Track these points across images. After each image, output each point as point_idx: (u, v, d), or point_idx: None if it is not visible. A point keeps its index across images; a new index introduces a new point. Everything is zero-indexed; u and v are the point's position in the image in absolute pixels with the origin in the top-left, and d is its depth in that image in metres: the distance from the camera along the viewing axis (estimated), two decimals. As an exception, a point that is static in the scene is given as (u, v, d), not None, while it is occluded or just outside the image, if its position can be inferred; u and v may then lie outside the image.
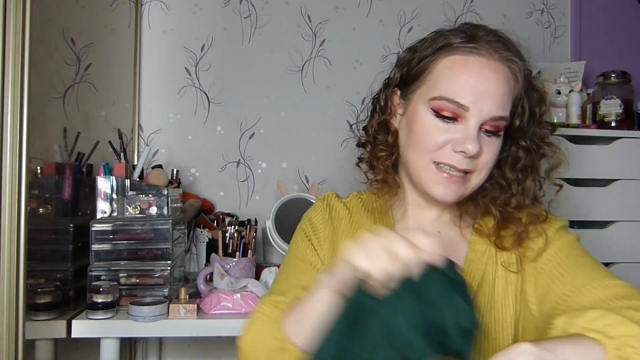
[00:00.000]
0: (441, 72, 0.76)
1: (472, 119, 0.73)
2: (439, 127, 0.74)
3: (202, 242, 1.63)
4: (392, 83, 0.86)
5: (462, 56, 0.75)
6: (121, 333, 1.21)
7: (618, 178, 1.67)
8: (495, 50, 0.75)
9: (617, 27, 2.14)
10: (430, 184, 0.76)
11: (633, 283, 1.90)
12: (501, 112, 0.74)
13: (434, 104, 0.75)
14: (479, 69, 0.73)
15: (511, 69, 0.76)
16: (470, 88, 0.73)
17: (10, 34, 0.84)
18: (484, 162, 0.75)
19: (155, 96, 1.90)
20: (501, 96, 0.74)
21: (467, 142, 0.72)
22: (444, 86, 0.75)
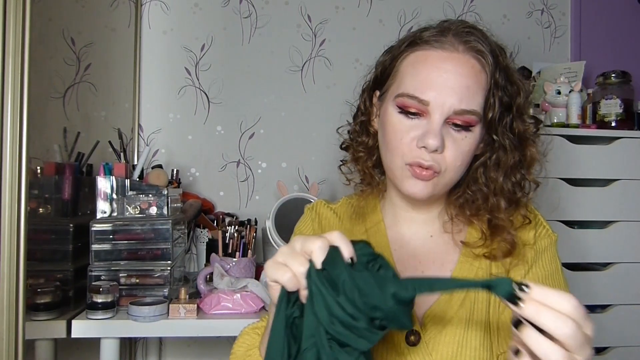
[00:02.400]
0: (405, 69, 0.76)
1: (435, 113, 0.71)
2: (404, 124, 0.74)
3: (202, 242, 1.63)
4: (368, 86, 0.86)
5: (424, 51, 0.74)
6: (121, 333, 1.21)
7: (618, 178, 1.67)
8: (460, 42, 0.73)
9: (617, 27, 2.14)
10: (403, 181, 0.75)
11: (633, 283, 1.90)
12: (464, 105, 0.71)
13: (398, 101, 0.74)
14: (439, 62, 0.72)
15: (478, 60, 0.73)
16: (430, 82, 0.72)
17: (10, 34, 0.84)
18: (451, 159, 0.73)
19: (155, 96, 1.90)
20: (465, 89, 0.71)
21: (427, 137, 0.71)
22: (406, 83, 0.74)
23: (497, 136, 0.76)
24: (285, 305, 0.53)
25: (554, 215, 1.60)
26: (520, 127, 0.77)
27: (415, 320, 0.74)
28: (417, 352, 0.72)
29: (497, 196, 0.77)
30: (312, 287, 0.50)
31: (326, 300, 0.49)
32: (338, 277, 0.50)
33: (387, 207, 0.86)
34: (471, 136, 0.73)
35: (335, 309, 0.49)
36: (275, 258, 0.55)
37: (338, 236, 0.53)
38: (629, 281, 1.67)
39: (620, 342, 1.67)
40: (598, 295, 1.66)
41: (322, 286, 0.50)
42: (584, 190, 1.66)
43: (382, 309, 0.49)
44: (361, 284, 0.49)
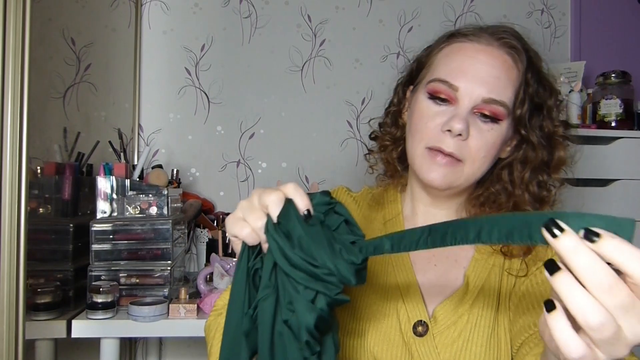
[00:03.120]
0: (440, 59, 0.77)
1: (464, 99, 0.72)
2: (432, 110, 0.75)
3: (202, 242, 1.63)
4: (403, 80, 0.87)
5: (460, 43, 0.76)
6: (121, 333, 1.21)
7: (618, 178, 1.67)
8: (496, 38, 0.75)
9: (617, 27, 2.14)
10: (423, 168, 0.75)
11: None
12: (494, 95, 0.72)
13: (429, 87, 0.75)
14: (473, 53, 0.74)
15: (511, 56, 0.75)
16: (462, 70, 0.73)
17: (10, 34, 0.84)
18: (475, 148, 0.73)
19: (155, 96, 1.91)
20: (496, 79, 0.73)
21: (452, 120, 0.71)
22: (439, 70, 0.76)
23: (526, 132, 0.76)
24: (246, 259, 0.53)
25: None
26: (550, 127, 0.77)
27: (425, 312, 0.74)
28: (422, 343, 0.73)
29: (522, 193, 0.77)
30: (270, 240, 0.50)
31: (284, 251, 0.49)
32: (293, 231, 0.50)
33: (406, 200, 0.86)
34: (497, 129, 0.74)
35: (294, 259, 0.49)
36: (235, 213, 0.55)
37: (292, 188, 0.53)
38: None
39: (620, 342, 1.67)
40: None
41: (279, 239, 0.50)
42: (584, 190, 1.66)
43: (328, 267, 0.49)
44: (312, 241, 0.49)
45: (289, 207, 0.52)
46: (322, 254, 0.49)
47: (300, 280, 0.49)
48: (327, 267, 0.49)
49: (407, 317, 0.74)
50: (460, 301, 0.75)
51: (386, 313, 0.75)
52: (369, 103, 1.97)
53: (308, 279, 0.49)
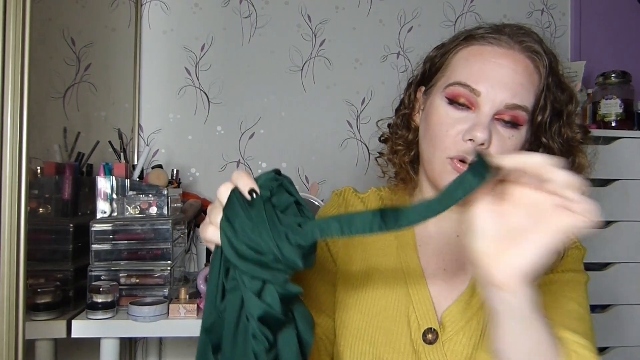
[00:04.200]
0: (458, 62, 0.74)
1: (485, 106, 0.69)
2: (451, 117, 0.72)
3: (202, 242, 1.63)
4: (416, 80, 0.84)
5: (480, 46, 0.73)
6: (121, 333, 1.20)
7: (618, 178, 1.67)
8: (516, 41, 0.72)
9: (617, 27, 2.14)
10: (442, 176, 0.72)
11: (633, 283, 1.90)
12: (517, 101, 0.69)
13: (448, 91, 0.72)
14: (495, 57, 0.71)
15: (533, 61, 0.72)
16: (484, 74, 0.70)
17: (10, 34, 0.84)
18: None
19: (155, 96, 1.90)
20: (518, 85, 0.70)
21: (475, 129, 0.68)
22: (459, 73, 0.73)
23: (547, 139, 0.74)
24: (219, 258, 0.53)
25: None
26: (569, 133, 0.76)
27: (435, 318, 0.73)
28: (433, 351, 0.71)
29: None
30: (220, 232, 0.50)
31: (231, 242, 0.49)
32: (235, 219, 0.50)
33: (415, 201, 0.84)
34: (518, 135, 0.72)
35: (240, 248, 0.49)
36: (205, 219, 0.55)
37: (235, 174, 0.53)
38: (629, 281, 1.67)
39: (620, 342, 1.67)
40: (598, 295, 1.66)
41: (227, 229, 0.50)
42: (584, 190, 1.66)
43: (272, 252, 0.48)
44: (255, 225, 0.49)
45: (231, 194, 0.51)
46: (265, 237, 0.48)
47: (246, 270, 0.49)
48: (272, 252, 0.48)
49: (418, 325, 0.73)
50: (467, 304, 0.74)
51: (397, 320, 0.74)
52: (369, 103, 1.97)
53: (254, 269, 0.49)
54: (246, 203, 0.50)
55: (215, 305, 0.52)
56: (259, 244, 0.48)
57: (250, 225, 0.49)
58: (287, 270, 0.49)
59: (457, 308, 0.74)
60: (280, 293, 0.49)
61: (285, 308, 0.50)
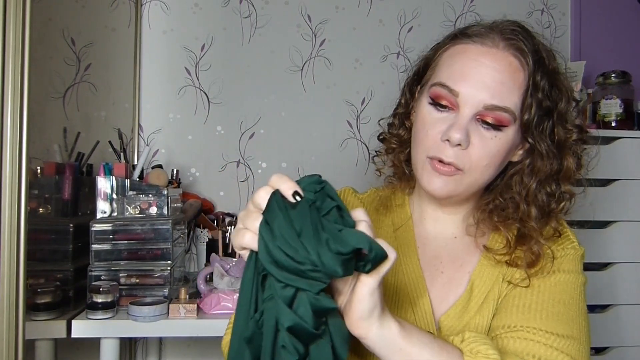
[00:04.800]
0: (444, 61, 0.74)
1: (464, 106, 0.69)
2: (432, 117, 0.72)
3: (202, 242, 1.63)
4: (411, 79, 0.84)
5: (464, 44, 0.73)
6: (121, 333, 1.21)
7: (618, 178, 1.67)
8: (502, 39, 0.71)
9: (617, 27, 2.14)
10: (423, 177, 0.73)
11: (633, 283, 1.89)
12: (496, 101, 0.68)
13: (431, 91, 0.72)
14: (476, 56, 0.70)
15: (517, 58, 0.71)
16: (463, 74, 0.70)
17: (10, 34, 0.84)
18: (476, 157, 0.69)
19: (155, 96, 1.90)
20: (499, 85, 0.68)
21: (451, 129, 0.68)
22: (441, 73, 0.73)
23: (533, 140, 0.72)
24: (254, 266, 0.51)
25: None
26: (561, 134, 0.74)
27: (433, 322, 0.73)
28: None
29: (529, 205, 0.73)
30: (259, 237, 0.49)
31: (267, 246, 0.47)
32: (274, 223, 0.48)
33: (415, 203, 0.84)
34: (502, 137, 0.70)
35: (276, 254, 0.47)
36: (237, 226, 0.54)
37: (276, 177, 0.52)
38: (629, 281, 1.67)
39: (620, 342, 1.67)
40: (598, 295, 1.66)
41: (264, 233, 0.48)
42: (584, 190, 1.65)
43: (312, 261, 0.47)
44: (294, 230, 0.47)
45: (271, 198, 0.50)
46: (306, 243, 0.47)
47: (280, 277, 0.47)
48: (311, 260, 0.46)
49: None
50: (464, 308, 0.73)
51: None
52: (369, 103, 1.97)
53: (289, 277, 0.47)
54: (288, 207, 0.49)
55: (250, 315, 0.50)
56: (297, 251, 0.47)
57: (290, 230, 0.47)
58: (325, 279, 0.48)
59: (454, 312, 0.73)
60: (313, 304, 0.48)
61: (318, 321, 0.48)
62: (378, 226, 0.83)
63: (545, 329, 0.66)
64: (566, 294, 0.71)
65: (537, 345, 0.65)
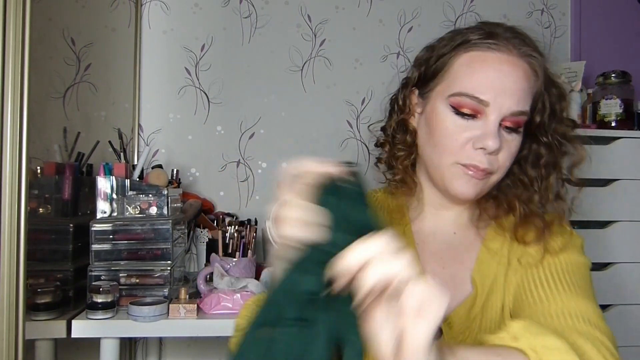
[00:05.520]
0: (460, 68, 0.75)
1: (492, 114, 0.72)
2: (458, 125, 0.73)
3: (202, 242, 1.63)
4: (410, 82, 0.84)
5: (480, 52, 0.74)
6: (121, 333, 1.21)
7: (618, 178, 1.67)
8: (514, 46, 0.74)
9: (617, 27, 2.14)
10: (453, 181, 0.75)
11: (633, 283, 1.89)
12: (521, 107, 0.73)
13: (453, 100, 0.74)
14: (498, 64, 0.73)
15: (530, 65, 0.74)
16: (489, 83, 0.72)
17: (10, 34, 0.84)
18: (503, 160, 0.74)
19: (155, 96, 1.90)
20: (521, 91, 0.73)
21: (487, 138, 0.71)
22: (463, 82, 0.74)
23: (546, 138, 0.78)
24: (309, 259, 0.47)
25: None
26: (562, 129, 0.79)
27: None
28: None
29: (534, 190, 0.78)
30: None
31: None
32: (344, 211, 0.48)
33: (413, 204, 0.85)
34: (518, 138, 0.75)
35: None
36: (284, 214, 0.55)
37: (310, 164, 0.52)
38: (629, 281, 1.67)
39: (620, 342, 1.66)
40: (598, 295, 1.65)
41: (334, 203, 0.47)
42: (584, 190, 1.65)
43: None
44: None
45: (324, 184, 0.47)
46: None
47: None
48: None
49: None
50: (472, 305, 0.75)
51: None
52: (369, 103, 1.97)
53: None
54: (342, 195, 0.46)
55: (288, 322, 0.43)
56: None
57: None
58: None
59: (464, 309, 0.74)
60: None
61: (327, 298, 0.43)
62: None
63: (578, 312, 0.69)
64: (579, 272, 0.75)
65: None
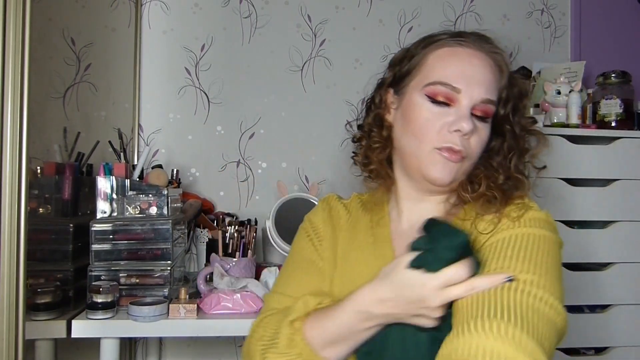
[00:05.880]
0: (433, 62, 0.81)
1: (464, 100, 0.78)
2: (434, 112, 0.79)
3: (202, 242, 1.63)
4: (385, 82, 0.91)
5: (452, 48, 0.81)
6: (121, 333, 1.20)
7: (618, 178, 1.67)
8: (480, 44, 0.81)
9: (617, 27, 2.14)
10: (430, 167, 0.79)
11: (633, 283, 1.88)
12: (489, 96, 0.79)
13: (428, 89, 0.79)
14: (468, 57, 0.80)
15: (495, 60, 0.81)
16: (461, 73, 0.78)
17: (10, 34, 0.84)
18: (474, 146, 0.79)
19: (155, 96, 1.90)
20: (489, 82, 0.79)
21: (461, 121, 0.76)
22: (437, 73, 0.80)
23: (509, 126, 0.83)
24: None
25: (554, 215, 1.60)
26: (523, 122, 0.85)
27: None
28: None
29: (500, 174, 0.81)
30: None
31: None
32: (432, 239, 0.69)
33: (392, 201, 0.90)
34: (487, 127, 0.81)
35: None
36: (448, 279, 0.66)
37: None
38: (629, 281, 1.67)
39: (620, 342, 1.67)
40: (598, 295, 1.66)
41: None
42: (584, 190, 1.66)
43: None
44: None
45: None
46: None
47: None
48: None
49: None
50: None
51: None
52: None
53: None
54: None
55: None
56: None
57: None
58: None
59: None
60: None
61: None
62: (357, 224, 0.90)
63: None
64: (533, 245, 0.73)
65: None
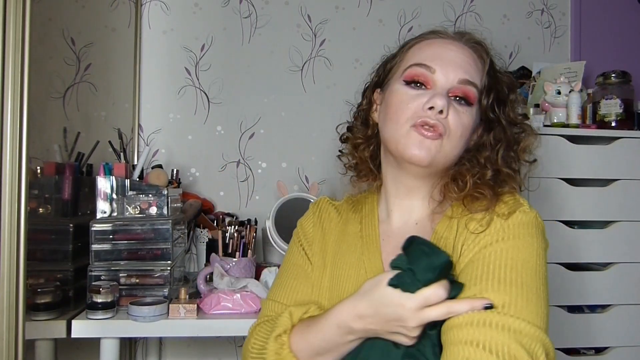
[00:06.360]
0: (412, 53, 0.83)
1: (440, 81, 0.78)
2: (410, 95, 0.79)
3: (202, 242, 1.63)
4: (372, 84, 0.92)
5: (428, 40, 0.83)
6: (121, 333, 1.20)
7: (618, 178, 1.67)
8: (460, 37, 0.83)
9: (617, 27, 2.14)
10: (407, 146, 0.77)
11: (633, 283, 1.89)
12: (468, 76, 0.78)
13: (405, 74, 0.80)
14: (444, 44, 0.81)
15: (475, 50, 0.82)
16: (436, 55, 0.80)
17: (10, 34, 0.84)
18: (453, 125, 0.77)
19: (155, 96, 1.90)
20: (467, 64, 0.79)
21: (434, 97, 0.76)
22: (413, 59, 0.82)
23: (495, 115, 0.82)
24: None
25: (554, 215, 1.60)
26: (512, 114, 0.84)
27: None
28: None
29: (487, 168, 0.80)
30: None
31: None
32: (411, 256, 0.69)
33: (382, 201, 0.90)
34: (470, 112, 0.79)
35: None
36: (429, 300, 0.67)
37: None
38: (629, 281, 1.66)
39: (620, 342, 1.67)
40: (598, 295, 1.65)
41: None
42: (584, 190, 1.66)
43: None
44: None
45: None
46: None
47: None
48: None
49: None
50: None
51: None
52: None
53: None
54: None
55: None
56: None
57: None
58: None
59: None
60: None
61: None
62: (347, 225, 0.90)
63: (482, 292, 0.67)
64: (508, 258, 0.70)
65: None
